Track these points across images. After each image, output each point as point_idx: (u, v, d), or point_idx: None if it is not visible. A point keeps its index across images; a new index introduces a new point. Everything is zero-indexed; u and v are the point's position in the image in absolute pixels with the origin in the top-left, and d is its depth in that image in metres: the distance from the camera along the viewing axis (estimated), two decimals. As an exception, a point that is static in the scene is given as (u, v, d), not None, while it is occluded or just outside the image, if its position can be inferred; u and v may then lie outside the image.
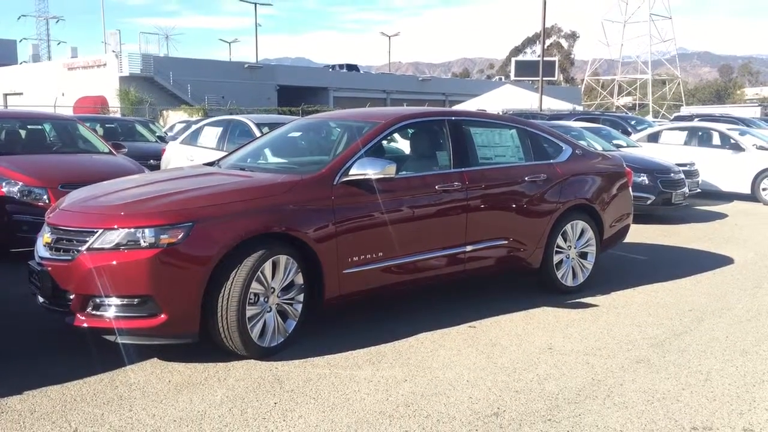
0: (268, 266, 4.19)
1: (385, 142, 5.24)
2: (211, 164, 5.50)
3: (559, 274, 5.91)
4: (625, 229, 6.64)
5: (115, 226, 3.98)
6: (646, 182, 10.34)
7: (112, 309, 3.97)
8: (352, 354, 4.39)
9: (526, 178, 5.62)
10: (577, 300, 5.78)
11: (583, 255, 6.12)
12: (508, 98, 35.09)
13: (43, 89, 43.18)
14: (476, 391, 3.83)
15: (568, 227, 5.92)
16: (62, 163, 7.49)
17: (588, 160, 6.26)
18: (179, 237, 3.94)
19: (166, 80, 40.64)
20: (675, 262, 7.55)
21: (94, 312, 4.01)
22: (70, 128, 8.71)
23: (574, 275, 6.04)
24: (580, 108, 39.30)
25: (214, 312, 4.04)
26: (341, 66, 56.35)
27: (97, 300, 3.98)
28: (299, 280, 4.43)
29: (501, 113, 27.53)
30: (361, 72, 59.25)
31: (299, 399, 3.68)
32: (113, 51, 41.40)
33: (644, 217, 10.37)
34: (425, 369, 4.16)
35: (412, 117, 5.31)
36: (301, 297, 4.47)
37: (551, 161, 5.93)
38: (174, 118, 31.54)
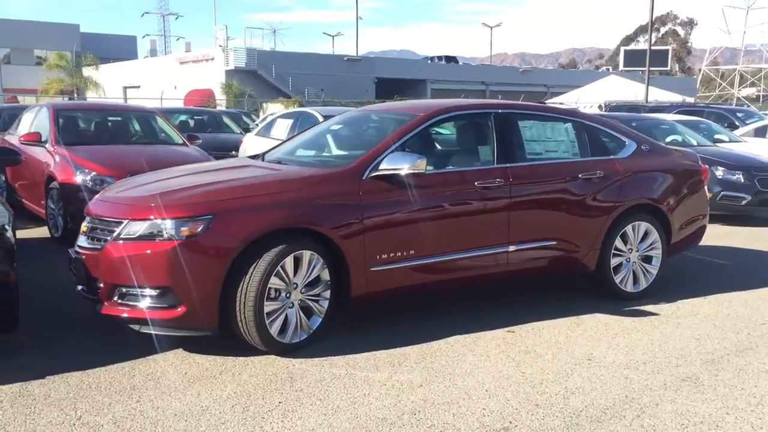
0: (289, 261, 4.13)
1: (424, 136, 5.04)
2: (254, 157, 5.51)
3: (617, 279, 5.51)
4: (699, 232, 6.11)
5: (140, 217, 4.04)
6: (742, 181, 9.53)
7: (135, 299, 4.04)
8: (375, 355, 4.25)
9: (580, 175, 5.27)
10: (635, 307, 5.36)
11: (647, 259, 5.67)
12: (612, 89, 33.58)
13: (158, 82, 45.44)
14: (492, 402, 3.60)
15: (628, 228, 5.50)
16: (133, 153, 7.78)
17: (655, 156, 5.80)
18: (199, 229, 3.94)
19: (269, 73, 41.79)
20: (761, 269, 6.90)
21: (119, 301, 4.09)
22: (149, 120, 9.05)
23: (636, 280, 5.61)
24: (691, 100, 37.13)
25: (233, 306, 4.03)
26: (440, 58, 55.94)
27: (123, 289, 4.06)
28: (325, 276, 4.34)
29: (603, 105, 26.42)
30: (460, 63, 58.64)
31: (305, 399, 3.59)
32: (220, 45, 43.00)
33: (737, 218, 9.59)
34: (446, 375, 3.97)
35: (453, 110, 5.09)
36: (327, 293, 4.38)
37: (611, 157, 5.53)
38: (272, 110, 32.39)
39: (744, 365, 4.20)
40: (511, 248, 4.98)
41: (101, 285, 4.15)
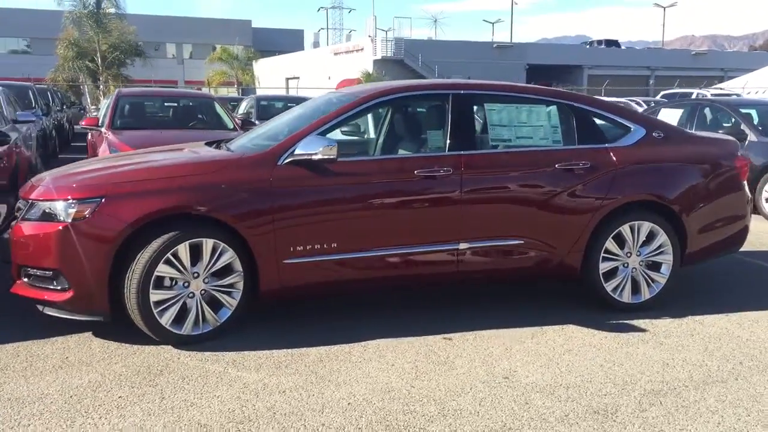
0: (183, 249, 3.92)
1: (367, 119, 4.60)
2: (210, 144, 5.29)
3: (608, 287, 4.71)
4: (734, 238, 5.08)
5: (40, 198, 4.04)
6: None
7: (37, 280, 4.05)
8: (274, 353, 3.94)
9: (557, 165, 4.55)
10: (626, 321, 4.57)
11: (655, 266, 4.81)
12: (789, 73, 29.73)
13: (315, 73, 47.32)
14: (339, 419, 3.17)
15: (625, 228, 4.67)
16: (171, 138, 7.92)
17: (671, 145, 4.88)
18: (86, 212, 3.86)
19: (415, 62, 41.89)
20: (838, 284, 5.64)
21: (26, 281, 4.12)
22: (206, 106, 9.27)
23: (636, 290, 4.77)
24: None
25: (122, 293, 3.91)
26: (599, 42, 52.91)
27: (29, 270, 4.08)
28: (237, 266, 4.10)
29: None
30: (623, 48, 55.03)
31: (148, 397, 3.38)
32: (369, 36, 43.79)
33: None
34: (325, 382, 3.57)
35: (399, 91, 4.59)
36: (240, 285, 4.14)
37: (605, 145, 4.72)
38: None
39: (693, 401, 3.38)
40: (463, 245, 4.42)
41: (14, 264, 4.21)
